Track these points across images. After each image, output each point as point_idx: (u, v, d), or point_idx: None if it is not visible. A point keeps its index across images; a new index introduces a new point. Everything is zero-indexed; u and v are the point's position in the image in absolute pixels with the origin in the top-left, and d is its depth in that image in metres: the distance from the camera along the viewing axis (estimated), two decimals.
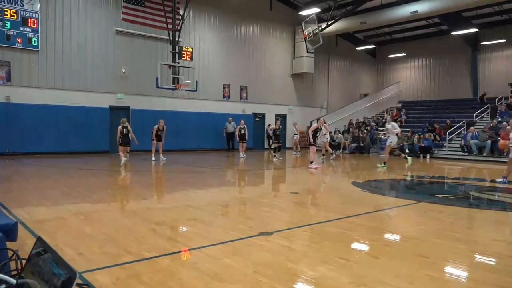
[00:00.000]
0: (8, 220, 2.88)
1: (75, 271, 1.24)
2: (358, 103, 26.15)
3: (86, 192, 7.31)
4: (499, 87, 22.62)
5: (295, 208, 6.38)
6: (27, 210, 5.58)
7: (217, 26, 20.27)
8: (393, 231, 4.91)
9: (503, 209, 6.77)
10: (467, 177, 11.07)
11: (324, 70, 26.00)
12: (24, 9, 14.61)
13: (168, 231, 4.65)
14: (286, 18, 23.13)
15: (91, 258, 3.53)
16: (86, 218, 5.16)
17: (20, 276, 1.43)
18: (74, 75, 15.91)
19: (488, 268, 3.52)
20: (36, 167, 11.44)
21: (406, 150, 18.38)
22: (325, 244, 4.05)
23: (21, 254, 1.55)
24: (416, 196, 7.66)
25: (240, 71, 21.18)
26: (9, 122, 14.41)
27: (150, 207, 6.19)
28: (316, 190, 8.54)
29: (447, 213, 5.89)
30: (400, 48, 27.77)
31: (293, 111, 23.50)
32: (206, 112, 19.49)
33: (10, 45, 14.35)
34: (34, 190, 7.33)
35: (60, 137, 15.53)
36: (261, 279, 3.06)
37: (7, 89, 14.48)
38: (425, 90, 27.34)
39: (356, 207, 6.30)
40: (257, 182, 9.93)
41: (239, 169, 12.30)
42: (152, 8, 17.56)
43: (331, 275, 3.19)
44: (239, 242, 4.12)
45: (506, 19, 22.39)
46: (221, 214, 5.76)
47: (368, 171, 12.11)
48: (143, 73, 17.56)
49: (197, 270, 3.26)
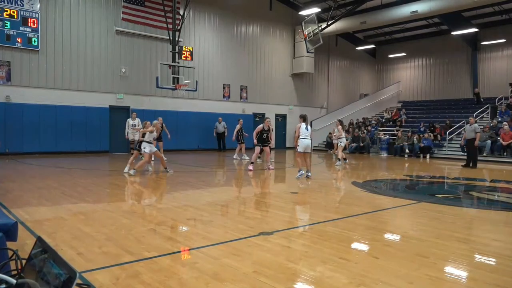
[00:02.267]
0: (8, 220, 2.88)
1: (75, 271, 1.24)
2: (358, 103, 26.17)
3: (86, 192, 7.31)
4: (499, 87, 22.64)
5: (295, 208, 6.38)
6: (27, 210, 5.59)
7: (217, 26, 20.27)
8: (393, 231, 4.91)
9: (503, 209, 6.77)
10: (467, 177, 11.08)
11: (324, 70, 26.00)
12: (24, 9, 14.61)
13: (168, 231, 4.65)
14: (286, 18, 23.13)
15: (91, 258, 3.53)
16: (86, 218, 5.16)
17: (20, 276, 1.43)
18: (74, 75, 15.92)
19: (488, 268, 3.52)
20: (36, 167, 11.44)
21: (406, 150, 18.42)
22: (325, 244, 4.05)
23: (21, 254, 1.56)
24: (416, 196, 7.66)
25: (240, 71, 21.19)
26: (9, 122, 14.42)
27: (150, 207, 6.19)
28: (316, 190, 8.54)
29: (447, 213, 5.89)
30: (400, 48, 27.77)
31: (293, 111, 23.50)
32: (206, 112, 19.49)
33: (10, 45, 14.36)
34: (34, 190, 7.33)
35: (60, 137, 15.53)
36: (261, 279, 3.06)
37: (7, 89, 14.49)
38: (425, 90, 27.34)
39: (356, 207, 6.30)
40: (256, 182, 9.92)
41: (239, 169, 12.30)
42: (152, 8, 17.56)
43: (331, 275, 3.19)
44: (239, 242, 4.12)
45: (506, 19, 22.39)
46: (221, 214, 5.76)
47: (368, 171, 12.11)
48: (143, 73, 17.57)
49: (197, 270, 3.26)
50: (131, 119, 13.82)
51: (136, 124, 13.53)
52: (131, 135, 13.60)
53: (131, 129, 13.56)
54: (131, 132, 13.59)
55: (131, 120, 13.80)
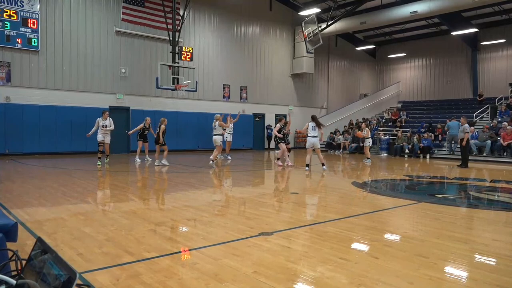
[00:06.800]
0: (8, 221, 2.88)
1: (75, 271, 1.24)
2: (358, 103, 26.19)
3: (86, 193, 7.31)
4: (499, 87, 22.65)
5: (295, 208, 6.38)
6: (27, 210, 5.59)
7: (217, 26, 20.28)
8: (393, 231, 4.91)
9: (503, 209, 6.77)
10: (467, 177, 11.08)
11: (324, 70, 26.01)
12: (24, 10, 14.62)
13: (168, 232, 4.65)
14: (285, 19, 23.15)
15: (91, 259, 3.53)
16: (86, 218, 5.16)
17: (20, 276, 1.43)
18: (74, 76, 15.93)
19: (488, 268, 3.52)
20: (36, 168, 11.44)
21: (406, 150, 18.43)
22: (325, 244, 4.05)
23: (21, 254, 1.56)
24: (416, 196, 7.66)
25: (240, 71, 21.20)
26: (9, 123, 14.42)
27: (150, 207, 6.19)
28: (316, 190, 8.54)
29: (447, 213, 5.89)
30: (400, 48, 27.79)
31: (293, 111, 23.51)
32: (206, 112, 19.49)
33: (10, 45, 14.36)
34: (34, 190, 7.33)
35: (60, 137, 15.53)
36: (261, 279, 3.06)
37: (7, 89, 14.49)
38: (425, 90, 27.35)
39: (356, 207, 6.31)
40: (256, 182, 9.93)
41: (239, 170, 12.30)
42: (152, 8, 17.58)
43: (331, 275, 3.19)
44: (239, 242, 4.12)
45: (506, 19, 22.40)
46: (221, 214, 5.76)
47: (368, 171, 12.11)
48: (143, 74, 17.58)
49: (197, 270, 3.26)
50: (101, 119, 12.11)
51: (107, 124, 12.08)
52: (100, 135, 12.00)
53: (102, 129, 12.00)
54: (101, 132, 12.02)
55: (101, 120, 12.09)
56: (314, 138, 11.36)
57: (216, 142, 12.58)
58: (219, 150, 13.05)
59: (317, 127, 11.33)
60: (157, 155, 12.78)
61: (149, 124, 13.45)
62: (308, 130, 11.46)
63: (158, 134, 12.49)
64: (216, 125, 12.61)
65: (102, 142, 12.03)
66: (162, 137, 12.39)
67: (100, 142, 12.00)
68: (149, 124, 13.45)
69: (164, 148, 12.60)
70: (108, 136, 12.19)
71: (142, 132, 13.37)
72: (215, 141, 12.62)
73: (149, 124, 13.48)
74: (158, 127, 12.55)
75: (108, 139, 12.19)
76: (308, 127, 11.47)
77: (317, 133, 11.38)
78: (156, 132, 12.92)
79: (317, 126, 11.35)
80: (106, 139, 12.13)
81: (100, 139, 12.02)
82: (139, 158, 13.45)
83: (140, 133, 13.37)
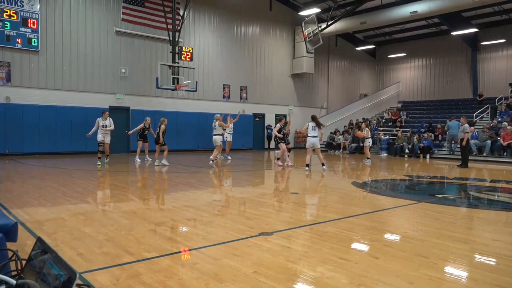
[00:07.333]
0: (8, 221, 2.88)
1: (75, 271, 1.24)
2: (358, 103, 26.19)
3: (86, 193, 7.31)
4: (499, 87, 22.65)
5: (295, 208, 6.38)
6: (27, 210, 5.59)
7: (217, 26, 20.28)
8: (393, 231, 4.91)
9: (503, 209, 6.77)
10: (467, 177, 11.08)
11: (324, 70, 26.01)
12: (24, 10, 14.62)
13: (168, 232, 4.65)
14: (285, 19, 23.15)
15: (91, 259, 3.53)
16: (86, 218, 5.16)
17: (20, 276, 1.43)
18: (74, 76, 15.93)
19: (488, 268, 3.52)
20: (36, 168, 11.44)
21: (406, 150, 18.43)
22: (325, 244, 4.05)
23: (21, 254, 1.56)
24: (416, 196, 7.66)
25: (240, 71, 21.20)
26: (9, 123, 14.42)
27: (150, 207, 6.19)
28: (315, 190, 8.54)
29: (447, 213, 5.89)
30: (400, 48, 27.79)
31: (293, 111, 23.51)
32: (206, 112, 19.49)
33: (10, 45, 14.37)
34: (34, 190, 7.33)
35: (60, 137, 15.53)
36: (261, 279, 3.06)
37: (7, 89, 14.49)
38: (425, 90, 27.36)
39: (356, 207, 6.31)
40: (256, 182, 9.93)
41: (239, 170, 12.30)
42: (152, 8, 17.58)
43: (331, 275, 3.19)
44: (239, 242, 4.12)
45: (506, 19, 22.41)
46: (221, 214, 5.76)
47: (368, 171, 12.11)
48: (143, 74, 17.58)
49: (197, 270, 3.26)
50: (101, 119, 12.11)
51: (107, 124, 12.08)
52: (100, 135, 12.01)
53: (102, 129, 12.02)
54: (101, 132, 12.04)
55: (101, 120, 12.09)
56: (314, 138, 11.43)
57: (216, 142, 12.58)
58: (219, 150, 13.06)
59: (317, 127, 11.34)
60: (157, 155, 12.78)
61: (149, 124, 13.46)
62: (308, 130, 11.51)
63: (158, 134, 12.49)
64: (216, 125, 12.62)
65: (102, 142, 12.03)
66: (162, 137, 12.38)
67: (100, 142, 12.00)
68: (149, 124, 13.46)
69: (164, 148, 12.58)
70: (108, 136, 12.18)
71: (142, 132, 13.35)
72: (215, 141, 12.64)
73: (149, 124, 13.48)
74: (158, 127, 12.55)
75: (108, 139, 12.18)
76: (308, 127, 11.52)
77: (317, 133, 11.43)
78: (156, 132, 12.90)
79: (317, 126, 11.37)
80: (106, 139, 12.13)
81: (100, 139, 12.02)
82: (139, 158, 13.45)
83: (140, 133, 13.35)
